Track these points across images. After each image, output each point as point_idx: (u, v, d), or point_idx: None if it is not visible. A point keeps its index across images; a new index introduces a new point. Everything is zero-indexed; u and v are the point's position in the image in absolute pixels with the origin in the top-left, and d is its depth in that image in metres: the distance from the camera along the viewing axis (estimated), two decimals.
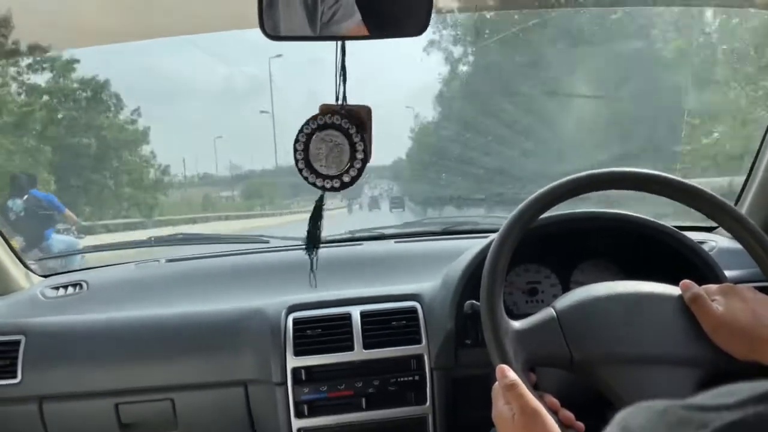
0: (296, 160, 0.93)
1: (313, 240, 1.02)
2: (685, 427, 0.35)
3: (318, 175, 0.92)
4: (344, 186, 0.93)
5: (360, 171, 0.93)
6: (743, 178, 1.53)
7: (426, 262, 1.51)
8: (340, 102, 0.91)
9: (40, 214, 5.25)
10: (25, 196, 5.37)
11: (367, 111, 0.95)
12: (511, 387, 0.81)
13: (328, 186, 0.93)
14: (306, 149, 0.92)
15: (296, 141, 0.93)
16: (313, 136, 0.91)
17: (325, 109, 0.92)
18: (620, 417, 0.41)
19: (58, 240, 5.27)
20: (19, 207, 5.18)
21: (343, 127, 0.91)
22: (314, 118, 0.92)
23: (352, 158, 0.92)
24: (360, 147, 0.91)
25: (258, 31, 0.89)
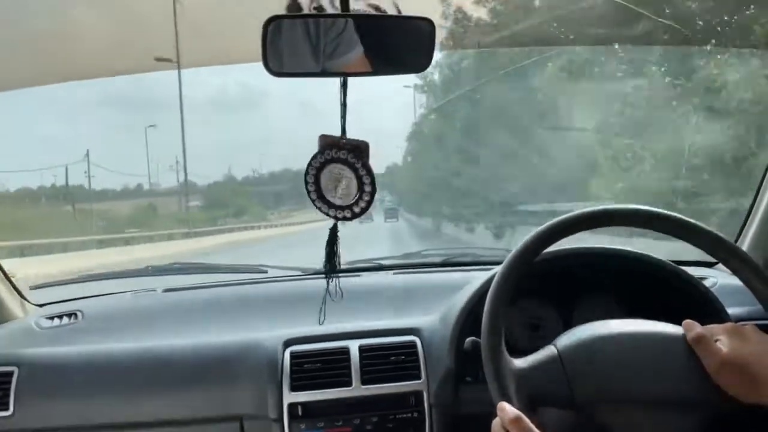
0: (308, 192, 0.98)
1: (332, 267, 1.06)
2: None
3: (330, 205, 0.95)
4: (355, 216, 0.99)
5: (369, 202, 0.97)
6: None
7: (426, 295, 1.50)
8: (341, 136, 0.92)
9: None
10: None
11: (365, 145, 0.97)
12: (516, 421, 0.80)
13: (340, 216, 0.98)
14: (317, 182, 0.95)
15: (306, 174, 0.96)
16: (323, 170, 0.94)
17: (329, 143, 0.93)
18: None
19: None
20: None
21: (350, 161, 0.93)
22: (321, 152, 0.94)
23: (361, 190, 0.95)
24: (367, 180, 0.94)
25: None
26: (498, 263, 1.02)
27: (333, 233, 1.06)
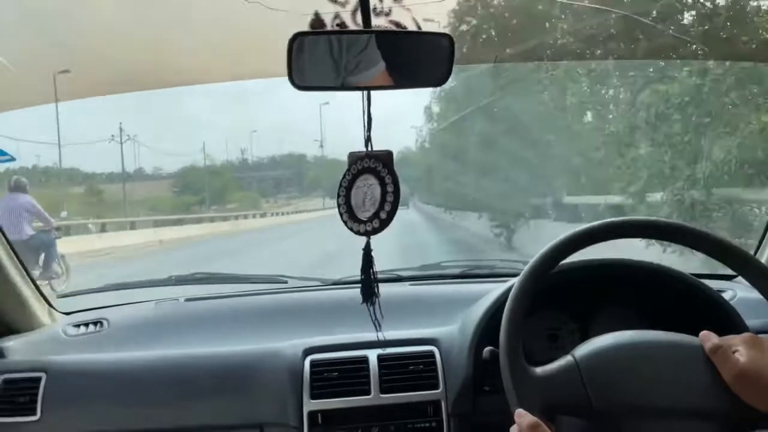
0: (341, 214, 0.99)
1: (368, 288, 1.06)
2: None
3: (360, 222, 0.96)
4: (383, 224, 0.98)
5: (394, 205, 0.97)
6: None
7: (443, 306, 1.51)
8: (367, 149, 0.95)
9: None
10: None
11: (388, 154, 0.99)
12: (535, 427, 0.81)
13: (369, 229, 0.97)
14: (348, 201, 0.96)
15: (338, 196, 0.97)
16: (353, 187, 0.96)
17: (354, 158, 0.96)
18: None
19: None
20: None
21: (373, 167, 0.95)
22: (348, 169, 0.96)
23: (384, 193, 0.95)
24: (389, 180, 0.95)
25: None
26: (515, 275, 1.03)
27: (367, 253, 1.05)
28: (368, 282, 1.04)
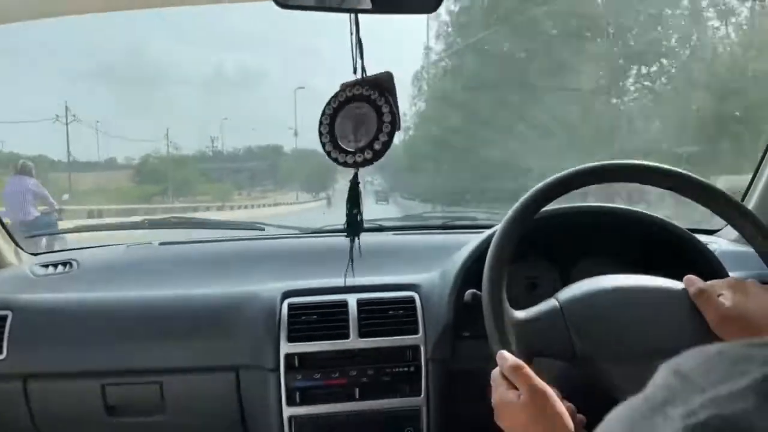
0: (323, 144, 0.90)
1: (354, 226, 0.98)
2: (747, 363, 0.33)
3: (347, 153, 0.89)
4: (377, 155, 0.90)
5: (390, 135, 0.89)
6: None
7: (425, 254, 1.49)
8: (358, 75, 0.88)
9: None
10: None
11: (388, 76, 0.91)
12: (518, 368, 0.80)
13: (360, 160, 0.90)
14: (331, 130, 0.89)
15: (320, 124, 0.90)
16: (338, 115, 0.89)
17: (345, 85, 0.89)
18: (671, 362, 0.38)
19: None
20: None
21: (365, 94, 0.88)
22: (335, 96, 0.89)
23: (380, 123, 0.88)
24: (386, 109, 0.88)
25: None
26: (497, 226, 1.01)
27: (354, 185, 0.97)
28: (354, 217, 0.99)
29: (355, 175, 0.95)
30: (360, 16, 0.87)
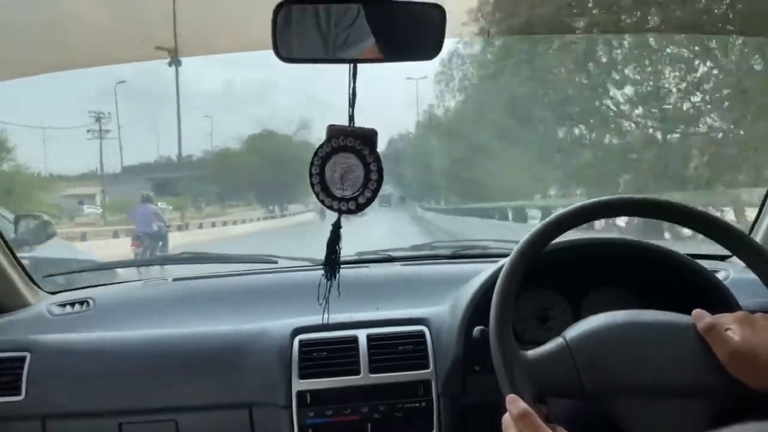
0: (312, 185, 0.95)
1: (331, 264, 1.02)
2: None
3: (334, 198, 0.93)
4: (360, 208, 0.95)
5: (375, 192, 0.94)
6: None
7: (434, 286, 1.50)
8: (349, 125, 0.91)
9: None
10: None
11: (374, 133, 0.96)
12: (525, 415, 0.80)
13: (344, 209, 0.94)
14: (322, 173, 0.93)
15: (312, 165, 0.93)
16: (329, 160, 0.92)
17: (335, 132, 0.92)
18: None
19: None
20: None
21: (356, 148, 0.92)
22: (327, 141, 0.93)
23: (367, 179, 0.93)
24: (374, 167, 0.92)
25: None
26: (506, 255, 1.02)
27: (336, 229, 1.03)
28: (330, 258, 1.03)
29: (338, 219, 0.99)
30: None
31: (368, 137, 0.94)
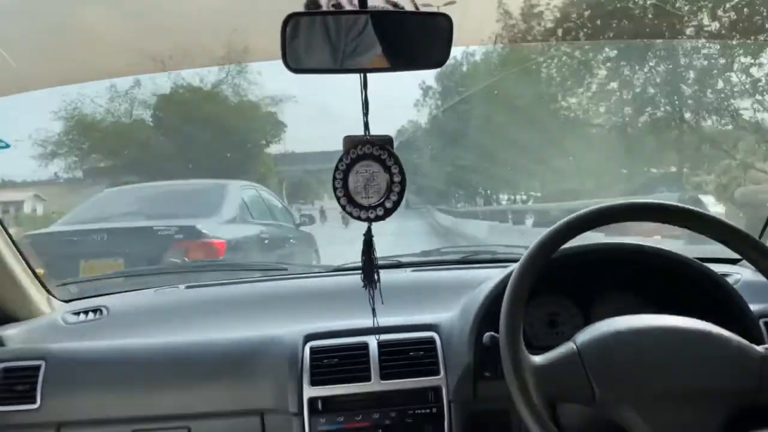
0: (338, 198, 0.96)
1: (368, 275, 1.04)
2: None
3: (362, 207, 0.94)
4: (387, 213, 0.96)
5: (400, 195, 0.96)
6: None
7: (444, 292, 1.50)
8: (365, 133, 0.93)
9: None
10: None
11: (389, 140, 0.97)
12: None
13: (372, 216, 0.96)
14: (345, 185, 0.94)
15: (334, 179, 0.95)
16: (351, 171, 0.94)
17: (353, 142, 0.94)
18: None
19: None
20: None
21: (375, 154, 0.93)
22: (346, 153, 0.94)
23: (390, 182, 0.94)
24: (396, 170, 0.93)
25: None
26: (516, 261, 1.02)
27: (368, 238, 1.03)
28: (369, 269, 1.03)
29: (369, 230, 0.99)
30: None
31: (386, 144, 0.96)
